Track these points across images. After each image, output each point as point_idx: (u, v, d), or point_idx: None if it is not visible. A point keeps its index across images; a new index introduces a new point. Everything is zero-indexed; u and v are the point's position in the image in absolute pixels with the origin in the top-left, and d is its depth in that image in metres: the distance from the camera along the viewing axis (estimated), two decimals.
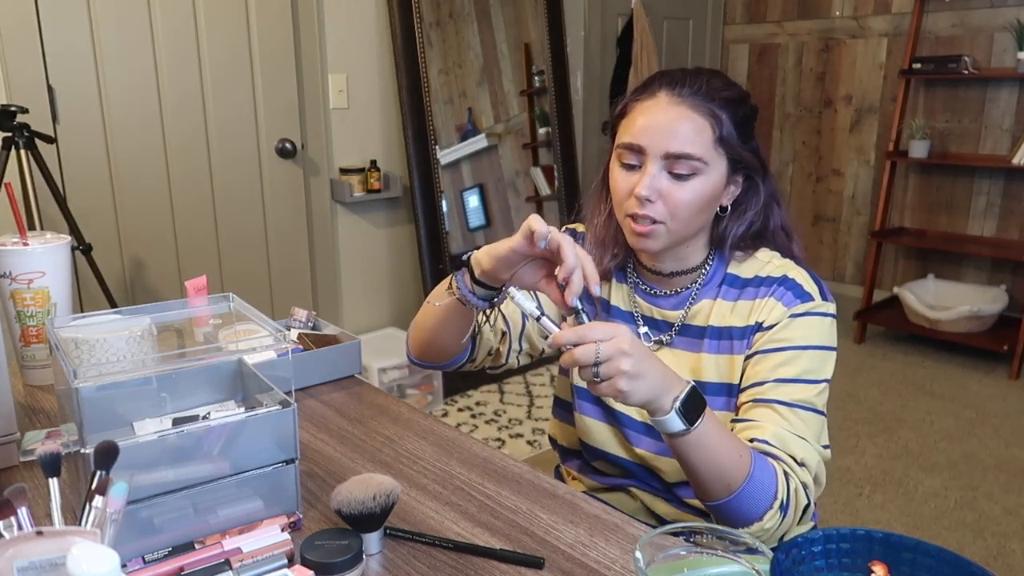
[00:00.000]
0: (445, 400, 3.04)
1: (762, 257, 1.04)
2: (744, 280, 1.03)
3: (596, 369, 0.80)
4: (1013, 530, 2.22)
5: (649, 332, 1.07)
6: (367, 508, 0.73)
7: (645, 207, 0.96)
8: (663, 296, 1.06)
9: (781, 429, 0.92)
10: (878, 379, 3.35)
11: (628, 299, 1.09)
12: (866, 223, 4.09)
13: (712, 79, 0.98)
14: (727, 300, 1.03)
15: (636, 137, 0.97)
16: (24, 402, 1.11)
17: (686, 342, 1.04)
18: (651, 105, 0.97)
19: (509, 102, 3.30)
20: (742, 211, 1.03)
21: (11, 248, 1.10)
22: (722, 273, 1.04)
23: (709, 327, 1.02)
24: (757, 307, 1.00)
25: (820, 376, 0.96)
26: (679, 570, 0.64)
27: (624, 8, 3.75)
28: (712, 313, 1.03)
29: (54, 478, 0.61)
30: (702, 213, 0.99)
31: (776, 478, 0.87)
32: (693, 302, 1.04)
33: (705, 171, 0.96)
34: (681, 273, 1.05)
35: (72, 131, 2.34)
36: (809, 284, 1.00)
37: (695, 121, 0.95)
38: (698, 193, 0.96)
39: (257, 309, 0.87)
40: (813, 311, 0.98)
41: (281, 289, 2.91)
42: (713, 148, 0.96)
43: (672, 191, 0.95)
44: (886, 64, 3.91)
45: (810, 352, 0.96)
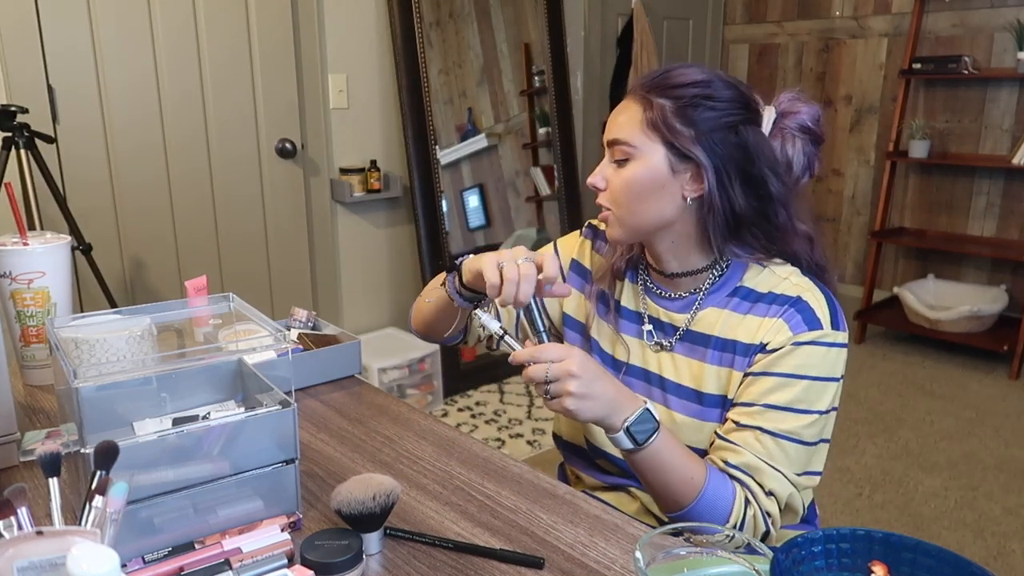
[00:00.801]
0: (445, 400, 3.04)
1: (780, 272, 1.00)
2: (758, 295, 1.00)
3: (547, 387, 0.87)
4: (1013, 530, 2.22)
5: (653, 332, 1.06)
6: (367, 508, 0.73)
7: (599, 195, 1.01)
8: (670, 299, 1.05)
9: (756, 458, 0.92)
10: (878, 379, 3.35)
11: (638, 299, 1.09)
12: (866, 223, 4.09)
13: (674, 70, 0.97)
14: (737, 312, 1.00)
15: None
16: (24, 402, 1.11)
17: (689, 348, 1.03)
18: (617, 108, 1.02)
19: (509, 102, 3.30)
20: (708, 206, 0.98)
21: (11, 248, 1.10)
22: (735, 283, 1.01)
23: (715, 337, 1.00)
24: (764, 326, 0.97)
25: (814, 407, 0.94)
26: (679, 570, 0.64)
27: (624, 8, 3.75)
28: (719, 323, 1.00)
29: (54, 478, 0.61)
30: (647, 199, 0.97)
31: (732, 502, 0.91)
32: (699, 308, 1.02)
33: (636, 156, 0.96)
34: (685, 275, 1.03)
35: (72, 131, 2.34)
36: (822, 310, 0.96)
37: (630, 109, 0.97)
38: (630, 178, 0.96)
39: (257, 309, 0.86)
40: (819, 340, 0.94)
41: (281, 289, 2.91)
42: (642, 132, 0.96)
43: (612, 177, 0.99)
44: (886, 64, 3.91)
45: (805, 382, 0.93)
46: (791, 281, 0.98)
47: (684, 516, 0.91)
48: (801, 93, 1.05)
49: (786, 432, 0.92)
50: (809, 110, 1.03)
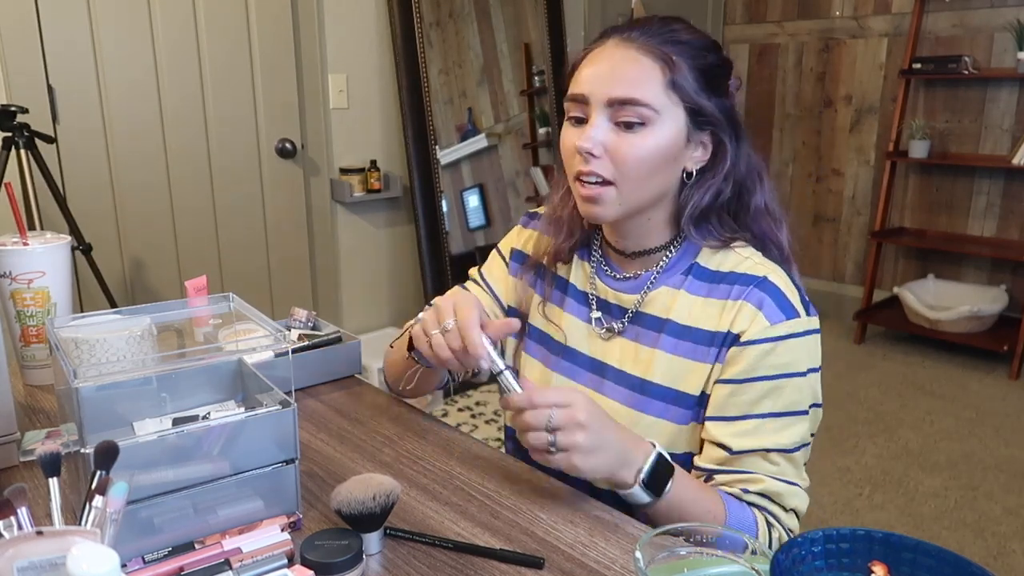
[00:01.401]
0: (445, 400, 3.04)
1: (740, 251, 0.92)
2: (715, 274, 0.91)
3: (552, 438, 0.76)
4: (1013, 530, 2.22)
5: (602, 318, 0.97)
6: (367, 508, 0.73)
7: (590, 163, 0.86)
8: (622, 279, 0.96)
9: (774, 481, 0.86)
10: (878, 379, 3.35)
11: (587, 279, 1.00)
12: (866, 223, 4.09)
13: (671, 22, 0.88)
14: (693, 294, 0.91)
15: (579, 86, 0.87)
16: (24, 402, 1.11)
17: (639, 332, 0.94)
18: (598, 52, 0.88)
19: (509, 102, 3.30)
20: (708, 178, 0.90)
21: (11, 248, 1.10)
22: (688, 261, 0.93)
23: (670, 321, 0.91)
24: (730, 310, 0.88)
25: (808, 403, 0.88)
26: (679, 570, 0.64)
27: (624, 8, 3.75)
28: (674, 305, 0.91)
29: (54, 478, 0.61)
30: (658, 173, 0.87)
31: (755, 531, 0.85)
32: (651, 287, 0.93)
33: (656, 121, 0.84)
34: (643, 253, 0.95)
35: (72, 131, 2.34)
36: (792, 293, 0.88)
37: (642, 63, 0.84)
38: (649, 147, 0.84)
39: (257, 309, 0.86)
40: (799, 331, 0.86)
41: (281, 289, 2.91)
42: (664, 94, 0.84)
43: (619, 144, 0.85)
44: (886, 64, 3.90)
45: (796, 380, 0.86)
46: (753, 260, 0.91)
47: None
48: None
49: (791, 444, 0.87)
50: None
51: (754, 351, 0.86)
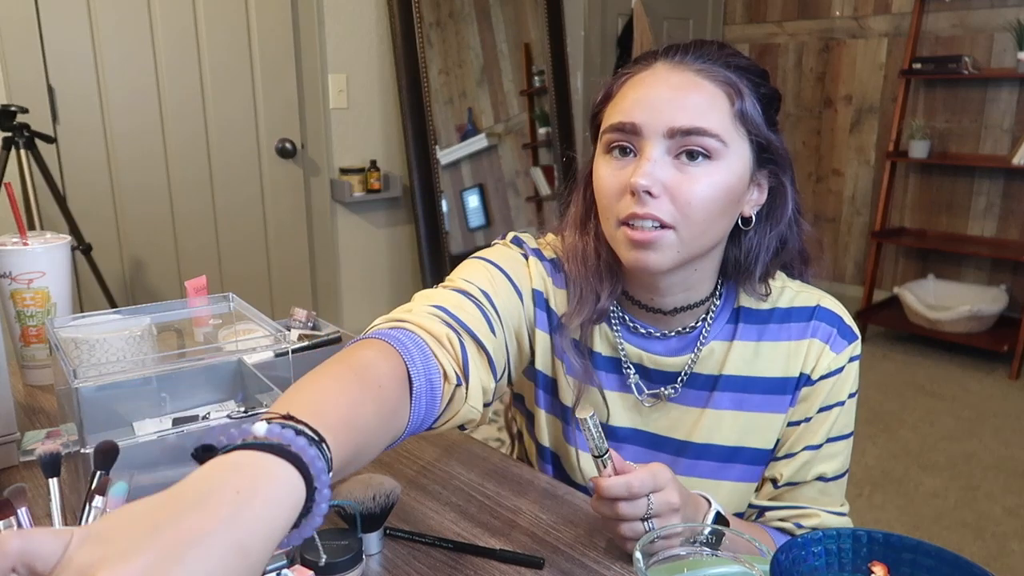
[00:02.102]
0: None
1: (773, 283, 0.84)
2: (760, 313, 0.83)
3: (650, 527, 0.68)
4: (1013, 530, 2.22)
5: (641, 383, 0.85)
6: (367, 508, 0.73)
7: (647, 204, 0.71)
8: (660, 338, 0.84)
9: (829, 516, 0.85)
10: (878, 379, 3.35)
11: (610, 342, 0.86)
12: (866, 223, 4.09)
13: (723, 47, 0.77)
14: (746, 340, 0.83)
15: (628, 114, 0.73)
16: (24, 402, 1.11)
17: (693, 396, 0.84)
18: (646, 76, 0.75)
19: (509, 102, 3.30)
20: (771, 225, 0.80)
21: (11, 248, 1.10)
22: (731, 307, 0.84)
23: (723, 376, 0.83)
24: (797, 352, 0.81)
25: (852, 426, 0.86)
26: (679, 570, 0.64)
27: (624, 8, 3.75)
28: (728, 359, 0.83)
29: (54, 478, 0.61)
30: (722, 216, 0.74)
31: None
32: (703, 344, 0.83)
33: (723, 155, 0.72)
34: (685, 309, 0.82)
35: (72, 131, 2.34)
36: (844, 313, 0.84)
37: (706, 89, 0.72)
38: (717, 185, 0.72)
39: (257, 309, 0.86)
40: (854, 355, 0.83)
41: (281, 289, 2.91)
42: (732, 124, 0.73)
43: (682, 182, 0.71)
44: (886, 64, 3.90)
45: (849, 403, 0.84)
46: (792, 289, 0.84)
47: None
48: None
49: (840, 470, 0.86)
50: None
51: (827, 384, 0.83)
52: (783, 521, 0.86)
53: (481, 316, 0.77)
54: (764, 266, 0.80)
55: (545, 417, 0.92)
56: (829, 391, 0.83)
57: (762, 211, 0.80)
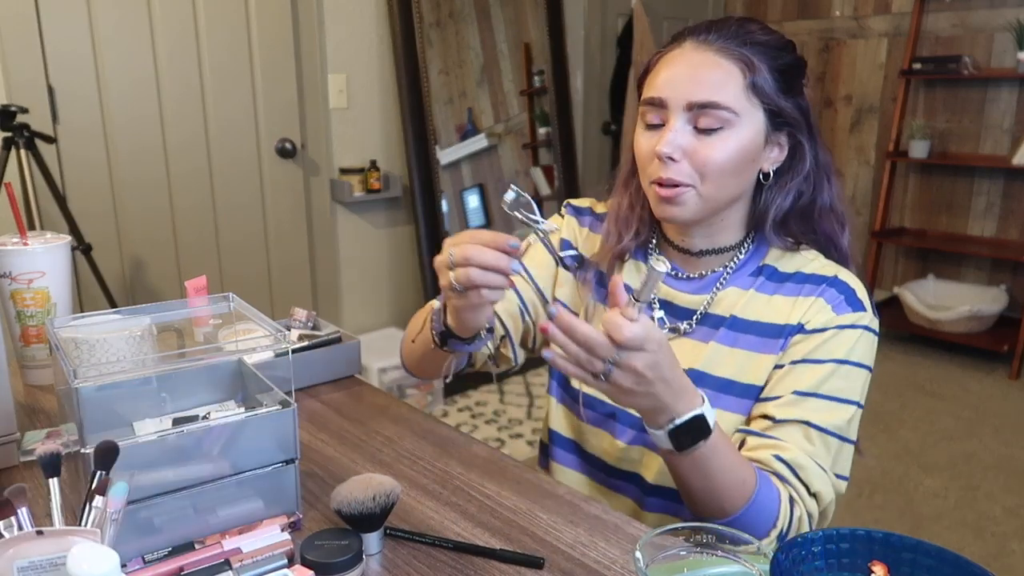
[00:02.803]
0: (445, 400, 3.04)
1: (806, 254, 0.94)
2: (784, 275, 0.92)
3: (607, 369, 0.71)
4: (1013, 530, 2.22)
5: (665, 318, 0.96)
6: (367, 508, 0.73)
7: (669, 168, 0.85)
8: (686, 279, 0.95)
9: (804, 456, 0.85)
10: (878, 379, 3.34)
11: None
12: (866, 223, 4.09)
13: (747, 23, 0.88)
14: (762, 292, 0.92)
15: (657, 90, 0.87)
16: (24, 402, 1.11)
17: (706, 332, 0.93)
18: (676, 55, 0.88)
19: (509, 102, 3.30)
20: (787, 179, 0.91)
21: (11, 248, 1.10)
22: (757, 262, 0.93)
23: (731, 317, 0.92)
24: (800, 305, 0.89)
25: (854, 396, 0.88)
26: (679, 570, 0.64)
27: (624, 8, 3.75)
28: (740, 304, 0.92)
29: (54, 478, 0.61)
30: (737, 175, 0.87)
31: (779, 506, 0.82)
32: (720, 288, 0.93)
33: (737, 123, 0.84)
34: (711, 252, 0.94)
35: (72, 131, 2.34)
36: (862, 292, 0.90)
37: (722, 67, 0.84)
38: (730, 149, 0.85)
39: (257, 309, 0.86)
40: (861, 324, 0.88)
41: (281, 289, 2.91)
42: (745, 97, 0.85)
43: (699, 148, 0.85)
44: (886, 64, 3.90)
45: (848, 368, 0.87)
46: (820, 262, 0.93)
47: (731, 524, 0.78)
48: None
49: (832, 427, 0.86)
50: None
51: (817, 337, 0.88)
52: (758, 449, 0.86)
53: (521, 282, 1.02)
54: (779, 213, 0.91)
55: None
56: (821, 344, 0.87)
57: (783, 167, 0.91)
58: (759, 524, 0.82)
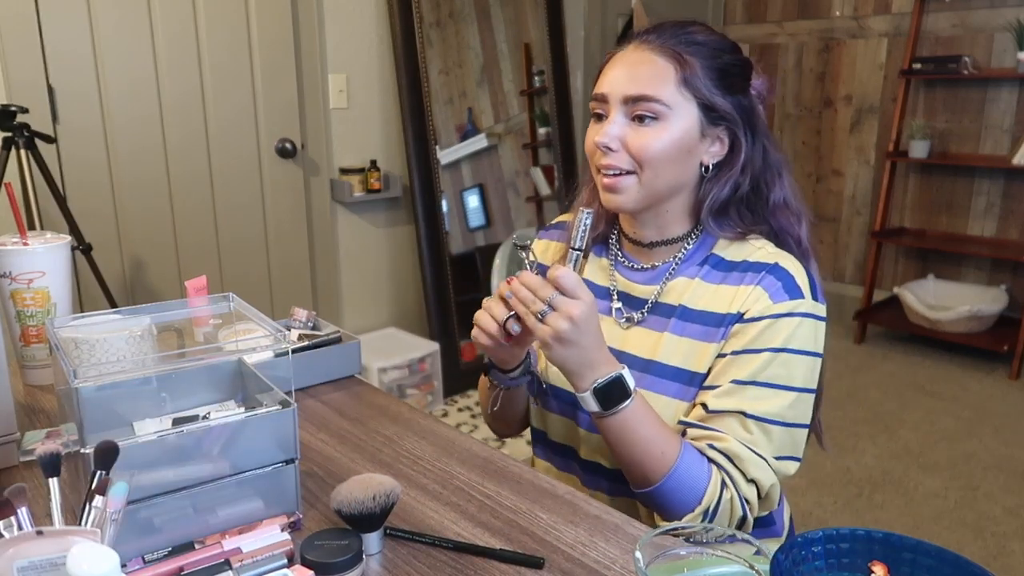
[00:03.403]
0: (445, 400, 3.04)
1: (754, 243, 0.97)
2: (730, 263, 0.96)
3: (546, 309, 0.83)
4: (1013, 530, 2.22)
5: (623, 308, 1.02)
6: (367, 508, 0.73)
7: (608, 156, 0.93)
8: (639, 270, 1.01)
9: (740, 445, 0.88)
10: (878, 379, 3.35)
11: (606, 273, 1.05)
12: (866, 223, 4.09)
13: (688, 25, 0.95)
14: (708, 282, 0.96)
15: (600, 87, 0.95)
16: (24, 402, 1.11)
17: (656, 320, 0.98)
18: (620, 55, 0.95)
19: (509, 102, 3.30)
20: (725, 172, 0.96)
21: (11, 248, 1.10)
22: (705, 252, 0.98)
23: (680, 307, 0.96)
24: (741, 294, 0.93)
25: (796, 383, 0.90)
26: (679, 570, 0.64)
27: (624, 8, 3.75)
28: (687, 293, 0.96)
29: (54, 478, 0.61)
30: (674, 163, 0.93)
31: (706, 483, 0.88)
32: (670, 278, 0.98)
33: (669, 116, 0.91)
34: (661, 244, 1.00)
35: (72, 131, 2.34)
36: (802, 278, 0.93)
37: (657, 64, 0.91)
38: (663, 139, 0.91)
39: (257, 309, 0.86)
40: (799, 311, 0.90)
41: (281, 289, 2.91)
42: (678, 91, 0.91)
43: (635, 137, 0.92)
44: (886, 64, 3.90)
45: (786, 355, 0.90)
46: (766, 250, 0.96)
47: (653, 493, 0.88)
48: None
49: (769, 415, 0.89)
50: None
51: (755, 327, 0.91)
52: (697, 440, 0.92)
53: None
54: (716, 203, 0.96)
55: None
56: (758, 334, 0.90)
57: (724, 161, 0.96)
58: (681, 498, 0.87)
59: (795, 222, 0.99)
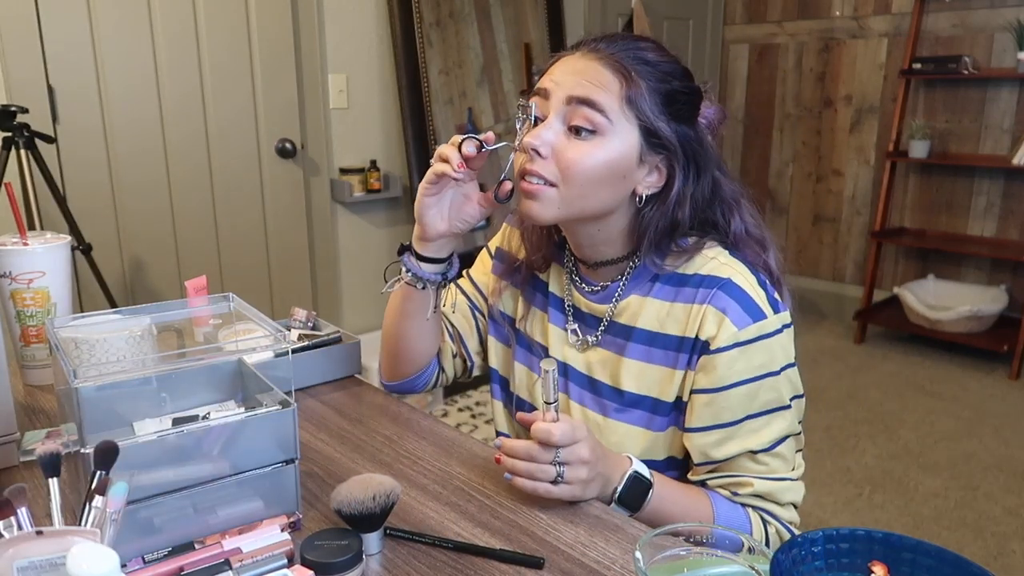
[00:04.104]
0: (445, 400, 3.04)
1: (707, 252, 0.90)
2: (681, 276, 0.90)
3: (561, 471, 0.80)
4: (1013, 530, 2.22)
5: (578, 329, 0.99)
6: (367, 508, 0.73)
7: (535, 162, 0.85)
8: (591, 291, 0.96)
9: (764, 481, 0.88)
10: (878, 379, 3.35)
11: (563, 285, 1.01)
12: (866, 223, 4.09)
13: (640, 41, 0.87)
14: (660, 299, 0.91)
15: (542, 83, 0.88)
16: (24, 402, 1.11)
17: (611, 341, 0.95)
18: (567, 60, 0.88)
19: (509, 102, 3.30)
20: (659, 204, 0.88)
21: (11, 248, 1.10)
22: (651, 271, 0.92)
23: (637, 329, 0.92)
24: (696, 315, 0.87)
25: (788, 399, 0.88)
26: (679, 570, 0.64)
27: (624, 8, 3.75)
28: (642, 312, 0.91)
29: (54, 478, 0.61)
30: (602, 186, 0.85)
31: (749, 528, 0.88)
32: (620, 297, 0.93)
33: (608, 133, 0.83)
34: (605, 264, 0.94)
35: (72, 131, 2.34)
36: (757, 292, 0.87)
37: (603, 74, 0.84)
38: (597, 157, 0.84)
39: (257, 309, 0.86)
40: (768, 332, 0.86)
41: (281, 289, 2.91)
42: (620, 107, 0.84)
43: (567, 148, 0.84)
44: (886, 64, 3.90)
45: (771, 380, 0.87)
46: (719, 261, 0.89)
47: None
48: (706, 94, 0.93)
49: (775, 439, 0.88)
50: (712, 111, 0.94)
51: (724, 358, 0.86)
52: (722, 489, 0.91)
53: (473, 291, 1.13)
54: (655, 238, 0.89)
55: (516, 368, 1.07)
56: (731, 365, 0.86)
57: (660, 193, 0.89)
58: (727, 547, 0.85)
59: (760, 251, 0.93)
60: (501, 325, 1.09)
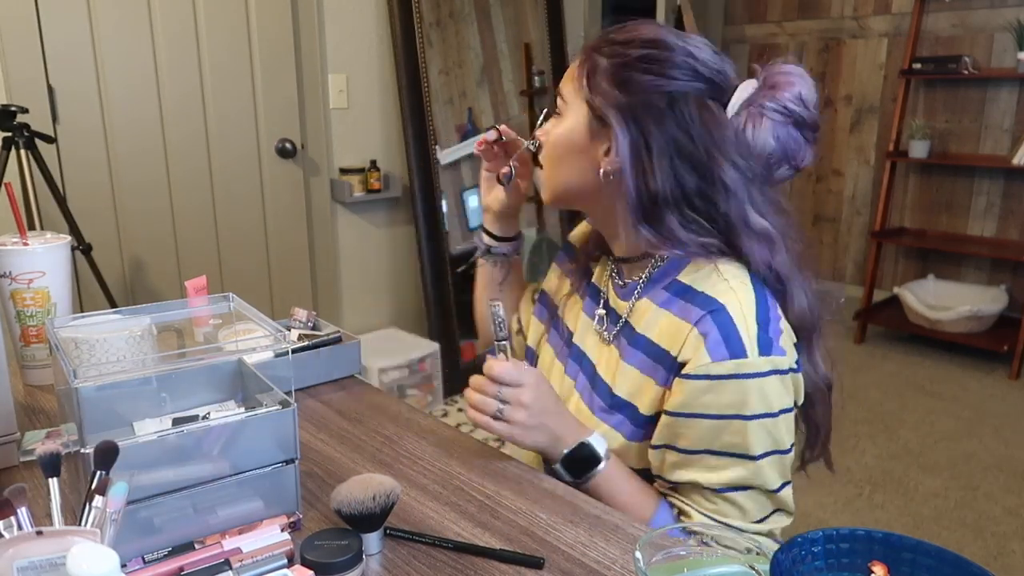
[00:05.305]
0: (445, 400, 3.04)
1: (723, 269, 0.85)
2: (690, 291, 0.86)
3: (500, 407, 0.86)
4: (1013, 530, 2.22)
5: (604, 318, 0.98)
6: (367, 508, 0.73)
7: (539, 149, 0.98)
8: (620, 284, 0.97)
9: (706, 517, 0.86)
10: (878, 379, 3.35)
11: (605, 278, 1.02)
12: (866, 223, 4.09)
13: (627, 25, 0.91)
14: (666, 310, 0.88)
15: None
16: (24, 402, 1.11)
17: (620, 342, 0.94)
18: None
19: (509, 102, 3.30)
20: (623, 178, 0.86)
21: (11, 248, 1.10)
22: (672, 276, 0.89)
23: (640, 335, 0.90)
24: (680, 332, 0.84)
25: (755, 451, 0.81)
26: (679, 570, 0.64)
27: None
28: (649, 319, 0.90)
29: (54, 478, 0.61)
30: (562, 163, 0.91)
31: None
32: (637, 297, 0.93)
33: (565, 112, 0.91)
34: (628, 260, 0.94)
35: (72, 131, 2.34)
36: (748, 328, 0.80)
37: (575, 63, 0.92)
38: (556, 134, 0.92)
39: (257, 309, 0.86)
40: (744, 373, 0.79)
41: (281, 289, 2.91)
42: (573, 87, 0.90)
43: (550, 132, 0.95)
44: (886, 64, 3.90)
45: (738, 423, 0.80)
46: (728, 284, 0.84)
47: None
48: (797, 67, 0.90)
49: (728, 485, 0.83)
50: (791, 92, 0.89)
51: (689, 386, 0.82)
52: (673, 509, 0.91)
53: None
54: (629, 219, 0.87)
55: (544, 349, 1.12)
56: (698, 398, 0.81)
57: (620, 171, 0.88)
58: None
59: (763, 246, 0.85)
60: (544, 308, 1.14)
